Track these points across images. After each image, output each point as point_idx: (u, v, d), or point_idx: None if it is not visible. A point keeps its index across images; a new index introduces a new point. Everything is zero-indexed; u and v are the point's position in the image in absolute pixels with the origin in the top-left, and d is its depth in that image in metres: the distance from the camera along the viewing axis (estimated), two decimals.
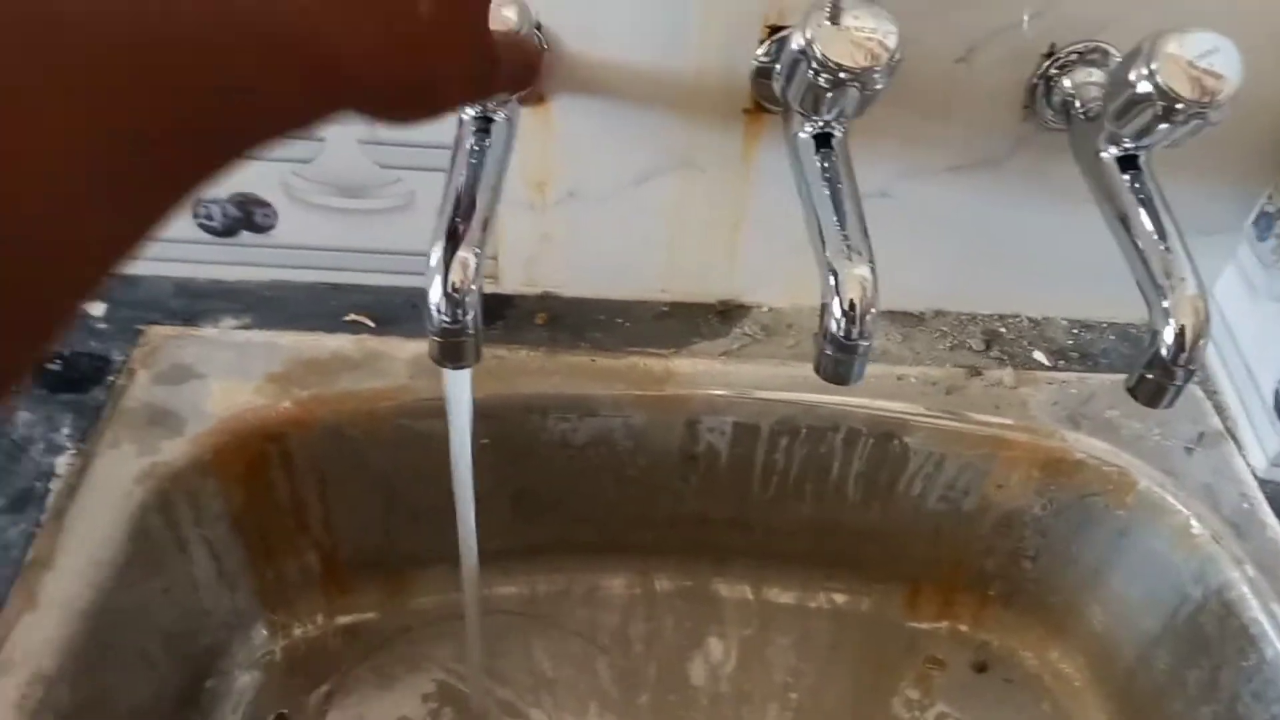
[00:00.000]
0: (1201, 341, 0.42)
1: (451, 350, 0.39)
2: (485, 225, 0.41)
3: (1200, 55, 0.43)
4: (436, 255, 0.39)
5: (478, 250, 0.40)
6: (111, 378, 0.52)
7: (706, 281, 0.62)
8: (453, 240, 0.39)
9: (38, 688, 0.41)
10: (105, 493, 0.47)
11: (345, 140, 0.54)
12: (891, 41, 0.42)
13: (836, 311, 0.40)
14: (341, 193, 0.56)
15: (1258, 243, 0.58)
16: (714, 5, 0.49)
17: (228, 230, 0.57)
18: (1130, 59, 0.44)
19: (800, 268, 0.60)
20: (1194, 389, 0.60)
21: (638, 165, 0.56)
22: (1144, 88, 0.43)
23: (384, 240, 0.58)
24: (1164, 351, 0.42)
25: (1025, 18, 0.50)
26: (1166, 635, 0.56)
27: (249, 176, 0.55)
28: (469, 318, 0.39)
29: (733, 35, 0.50)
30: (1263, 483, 0.55)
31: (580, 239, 0.59)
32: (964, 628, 0.66)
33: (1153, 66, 0.43)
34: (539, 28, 0.50)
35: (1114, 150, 0.47)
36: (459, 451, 0.47)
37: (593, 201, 0.57)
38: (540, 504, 0.62)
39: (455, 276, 0.38)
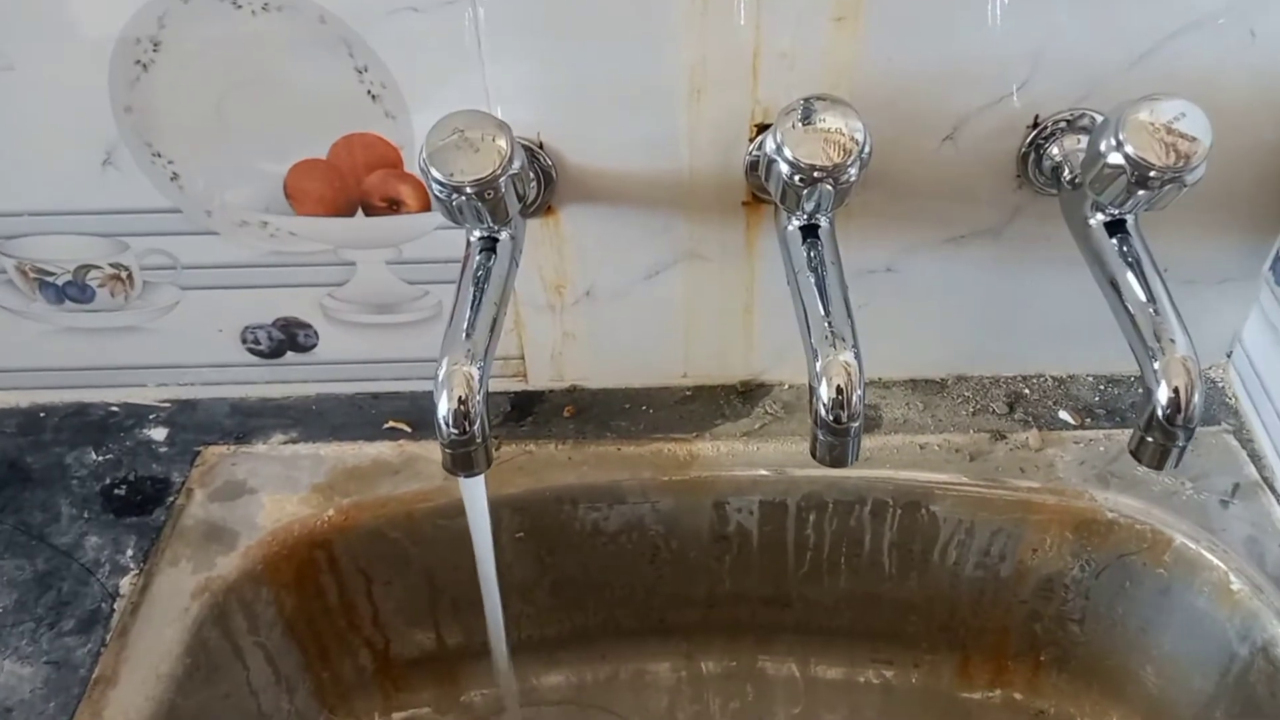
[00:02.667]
0: (1196, 401, 0.42)
1: (462, 460, 0.42)
2: (490, 338, 0.44)
3: (1172, 120, 0.44)
4: (442, 371, 0.42)
5: (481, 364, 0.42)
6: (172, 498, 0.57)
7: (726, 364, 0.64)
8: (457, 356, 0.42)
9: None
10: (165, 609, 0.51)
11: (374, 262, 0.58)
12: (859, 136, 0.44)
13: (824, 397, 0.42)
14: (375, 310, 0.60)
15: (1277, 288, 0.57)
16: (701, 110, 0.52)
17: (274, 352, 0.61)
18: (1101, 130, 0.45)
19: None
20: (1228, 438, 0.59)
21: (647, 261, 0.58)
22: (1115, 159, 0.44)
23: (417, 349, 0.62)
24: (1160, 414, 0.42)
25: (1014, 88, 0.52)
26: (1220, 695, 0.55)
27: (290, 302, 0.59)
28: (475, 427, 0.41)
29: (722, 136, 0.53)
30: None
31: (601, 334, 0.62)
32: (1018, 696, 0.65)
33: (1121, 136, 0.44)
34: (541, 146, 0.53)
35: (1100, 216, 0.48)
36: (482, 554, 0.49)
37: (608, 298, 0.60)
38: (581, 591, 0.64)
39: (460, 390, 0.41)
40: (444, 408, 0.41)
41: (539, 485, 0.59)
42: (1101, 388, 0.63)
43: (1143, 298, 0.45)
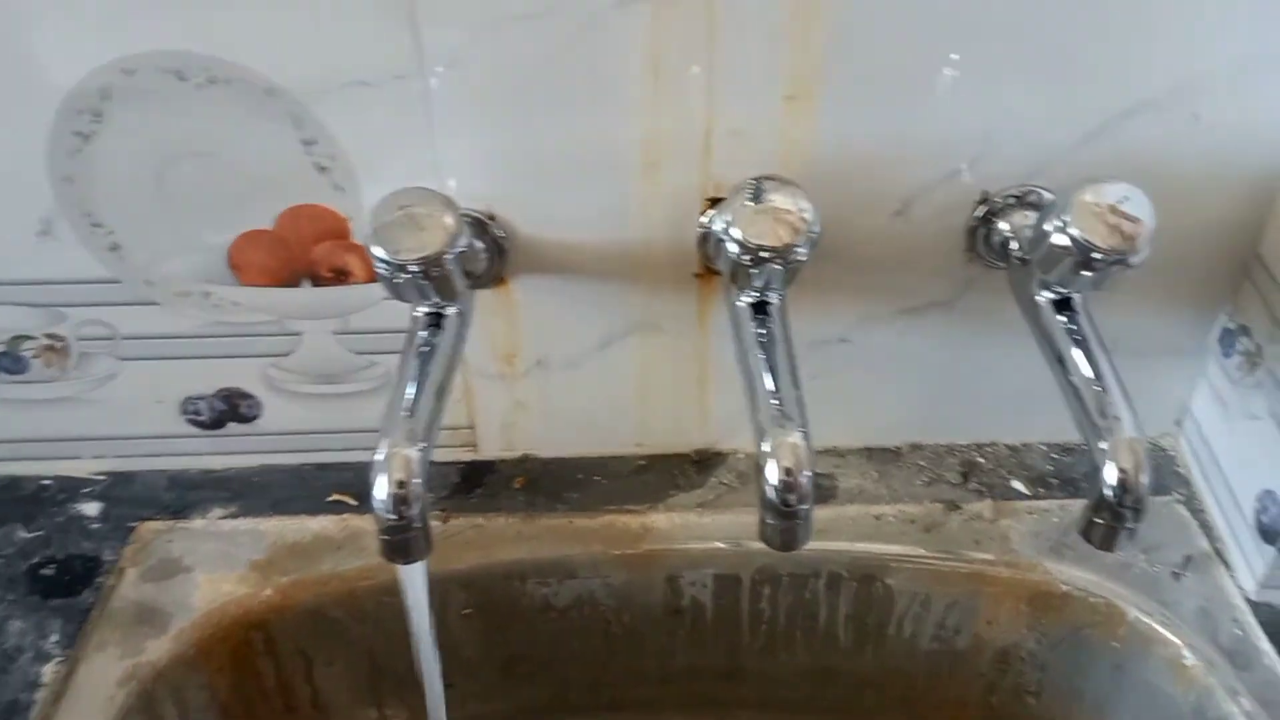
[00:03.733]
0: (1144, 482, 0.42)
1: (400, 547, 0.41)
2: (432, 418, 0.43)
3: (1116, 202, 0.45)
4: (381, 453, 0.41)
5: (423, 445, 0.41)
6: (102, 578, 0.55)
7: (681, 433, 0.63)
8: (396, 437, 0.41)
9: None
10: (89, 699, 0.48)
11: (320, 332, 0.57)
12: (808, 216, 0.44)
13: (772, 479, 0.41)
14: (320, 380, 0.58)
15: (1224, 359, 0.58)
16: (653, 184, 0.52)
17: (215, 423, 0.60)
18: (1048, 211, 0.46)
19: None
20: (1179, 509, 0.60)
21: (600, 332, 0.58)
22: (1060, 239, 0.44)
23: (365, 419, 0.60)
24: (1108, 495, 0.42)
25: (964, 165, 0.53)
26: None
27: (232, 372, 0.58)
28: (414, 512, 0.40)
29: (675, 209, 0.53)
30: (1255, 606, 0.54)
31: (553, 403, 0.61)
32: None
33: (1066, 218, 0.44)
34: (493, 218, 0.53)
35: (1048, 294, 0.48)
36: (422, 641, 0.47)
37: (561, 368, 0.59)
38: (531, 667, 0.62)
39: (399, 474, 0.40)
40: (381, 491, 0.40)
41: (488, 560, 0.57)
42: (1055, 456, 0.63)
43: (1089, 375, 0.45)
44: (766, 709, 0.65)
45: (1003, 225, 0.53)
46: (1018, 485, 0.61)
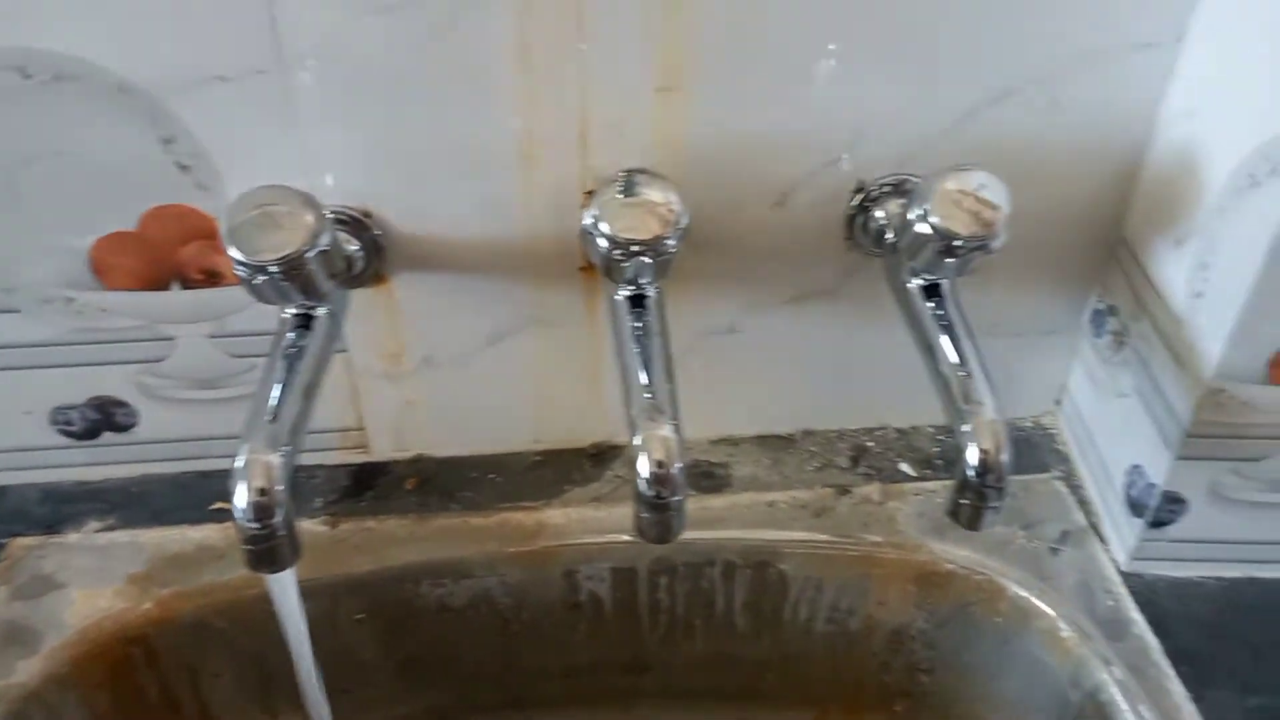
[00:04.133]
0: (1004, 461, 0.43)
1: (265, 556, 0.40)
2: (298, 421, 0.42)
3: (974, 189, 0.46)
4: (241, 460, 0.40)
5: (286, 449, 0.40)
6: None
7: (576, 427, 0.63)
8: (257, 443, 0.40)
9: None
10: None
11: (195, 337, 0.55)
12: (675, 208, 0.44)
13: (644, 472, 0.41)
14: (198, 385, 0.57)
15: (1096, 339, 0.60)
16: (533, 177, 0.52)
17: (89, 433, 0.58)
18: (910, 200, 0.47)
19: None
20: (1058, 485, 0.61)
21: (488, 327, 0.57)
22: (922, 228, 0.45)
23: None
24: (971, 475, 0.43)
25: (839, 154, 0.53)
26: None
27: (103, 380, 0.56)
28: (277, 520, 0.39)
29: (556, 202, 0.53)
30: (1126, 577, 0.56)
31: (444, 401, 0.60)
32: None
33: (927, 206, 0.45)
34: (369, 215, 0.52)
35: (917, 280, 0.49)
36: (298, 649, 0.46)
37: (449, 365, 0.58)
38: (430, 670, 0.62)
39: (259, 481, 0.39)
40: (241, 500, 0.39)
41: (379, 565, 0.57)
42: (940, 438, 0.65)
43: (954, 360, 0.46)
44: (669, 698, 0.65)
45: (878, 213, 0.53)
46: (905, 468, 0.63)
